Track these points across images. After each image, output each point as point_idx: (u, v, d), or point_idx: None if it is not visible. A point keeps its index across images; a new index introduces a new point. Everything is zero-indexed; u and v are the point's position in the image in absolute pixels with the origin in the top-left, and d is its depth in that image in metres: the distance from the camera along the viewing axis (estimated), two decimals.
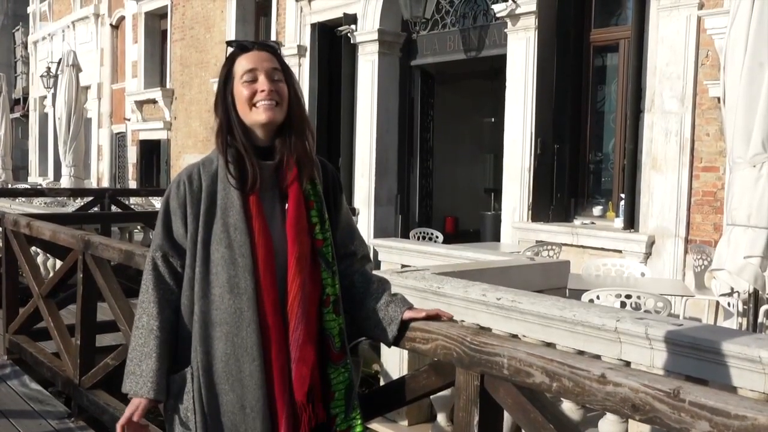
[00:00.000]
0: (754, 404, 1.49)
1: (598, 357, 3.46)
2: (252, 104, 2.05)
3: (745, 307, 4.99)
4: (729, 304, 5.37)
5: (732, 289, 4.78)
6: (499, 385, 1.99)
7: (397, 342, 2.23)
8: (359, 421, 2.14)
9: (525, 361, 1.87)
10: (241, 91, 2.06)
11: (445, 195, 12.17)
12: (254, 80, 2.05)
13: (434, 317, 2.21)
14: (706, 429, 1.51)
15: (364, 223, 10.88)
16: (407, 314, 2.19)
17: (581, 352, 3.54)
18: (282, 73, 2.09)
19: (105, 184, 19.45)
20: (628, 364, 3.37)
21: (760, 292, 4.65)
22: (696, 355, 3.13)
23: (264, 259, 2.02)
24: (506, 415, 2.14)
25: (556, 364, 1.80)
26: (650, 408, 1.61)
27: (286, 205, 2.09)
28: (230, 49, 2.16)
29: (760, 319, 5.11)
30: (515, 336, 3.78)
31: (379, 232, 10.65)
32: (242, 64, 2.08)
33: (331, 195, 2.23)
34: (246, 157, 2.05)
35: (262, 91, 2.04)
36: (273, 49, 2.12)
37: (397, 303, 2.22)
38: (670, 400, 1.57)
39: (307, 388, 2.03)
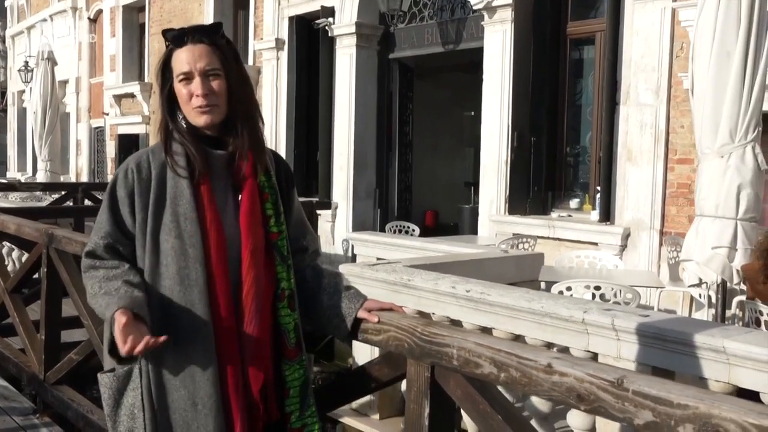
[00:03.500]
0: (696, 393, 1.47)
1: (566, 348, 3.45)
2: (191, 107, 1.99)
3: (717, 297, 4.99)
4: (700, 296, 5.39)
5: (700, 279, 4.79)
6: (449, 376, 1.96)
7: (351, 336, 2.20)
8: (315, 419, 2.10)
9: (474, 351, 1.84)
10: (180, 90, 1.99)
11: (424, 189, 12.15)
12: (190, 81, 1.98)
13: (387, 311, 2.18)
14: (650, 418, 1.49)
15: (343, 218, 10.84)
16: (361, 313, 2.15)
17: (550, 344, 3.54)
18: (220, 68, 1.99)
19: (84, 179, 19.26)
20: (595, 355, 3.37)
21: (728, 283, 4.65)
22: (662, 346, 3.14)
23: (216, 249, 1.96)
24: None
25: (503, 354, 1.78)
26: (595, 398, 1.59)
27: (240, 196, 2.04)
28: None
29: (732, 311, 5.13)
30: (485, 329, 3.77)
31: (358, 226, 10.61)
32: (178, 61, 1.99)
33: (284, 188, 2.18)
34: (188, 150, 2.00)
35: (197, 95, 1.97)
36: (210, 38, 2.01)
37: (351, 298, 2.18)
38: (614, 390, 1.55)
39: (261, 383, 1.98)
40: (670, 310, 6.28)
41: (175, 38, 2.01)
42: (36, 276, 5.14)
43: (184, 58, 1.98)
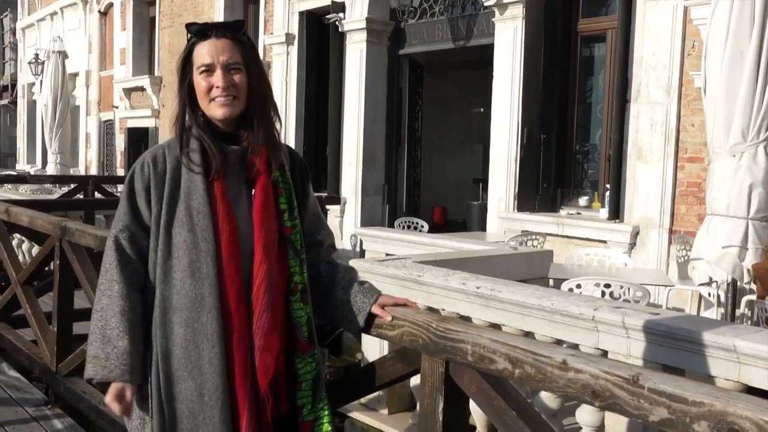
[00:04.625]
0: (711, 390, 1.48)
1: (576, 346, 3.46)
2: (209, 99, 2.01)
3: (727, 295, 4.99)
4: (709, 294, 5.38)
5: (711, 278, 4.79)
6: (463, 371, 1.97)
7: (365, 330, 2.21)
8: (326, 412, 2.11)
9: (489, 347, 1.85)
10: (199, 83, 2.02)
11: (433, 185, 12.16)
12: (211, 73, 2.01)
13: (402, 306, 2.19)
14: (665, 415, 1.51)
15: (351, 213, 10.85)
16: (375, 309, 2.17)
17: (559, 341, 3.54)
18: (242, 63, 2.03)
19: (93, 171, 19.31)
20: (605, 353, 3.37)
21: (738, 282, 4.65)
22: (672, 344, 3.13)
23: (227, 244, 1.99)
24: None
25: (519, 351, 1.79)
26: (610, 394, 1.60)
27: (253, 191, 2.06)
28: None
29: (741, 310, 5.12)
30: (495, 325, 3.78)
31: (367, 221, 10.63)
32: (200, 54, 2.02)
33: (299, 183, 2.20)
34: (206, 144, 2.03)
35: (218, 87, 2.00)
36: (233, 34, 2.05)
37: (365, 293, 2.20)
38: (629, 387, 1.56)
39: (270, 377, 2.00)
40: (679, 309, 6.27)
41: (199, 31, 2.05)
42: (47, 268, 5.18)
43: (206, 51, 2.01)
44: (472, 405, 2.16)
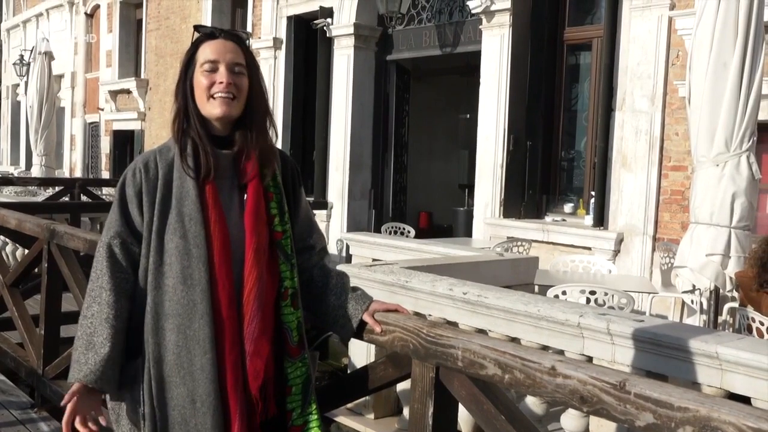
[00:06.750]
0: (696, 396, 1.52)
1: (561, 352, 3.50)
2: (209, 95, 2.02)
3: (710, 303, 5.06)
4: (692, 302, 5.45)
5: (694, 286, 4.85)
6: (453, 376, 2.00)
7: (356, 336, 2.24)
8: (315, 416, 2.11)
9: (478, 353, 1.88)
10: (200, 80, 2.03)
11: (419, 190, 12.21)
12: (214, 71, 2.02)
13: (393, 312, 2.22)
14: (651, 420, 1.54)
15: (338, 218, 10.88)
16: (366, 317, 2.19)
17: (545, 347, 3.58)
18: (245, 66, 2.06)
19: (78, 174, 19.24)
20: (590, 359, 3.41)
21: (720, 290, 4.72)
22: (656, 351, 3.18)
23: (219, 250, 1.99)
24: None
25: (508, 356, 1.82)
26: (597, 400, 1.63)
27: (245, 195, 2.07)
28: (196, 34, 2.13)
29: (723, 317, 5.19)
30: (481, 331, 3.82)
31: (353, 226, 10.66)
32: (205, 52, 2.05)
33: (291, 187, 2.21)
34: (200, 145, 2.03)
35: (221, 83, 2.01)
36: (240, 40, 2.09)
37: (358, 299, 2.22)
38: (616, 392, 1.60)
39: (260, 382, 2.00)
40: (662, 316, 6.33)
41: (207, 32, 2.09)
42: (34, 271, 5.16)
43: (213, 49, 2.04)
44: (459, 409, 2.19)
